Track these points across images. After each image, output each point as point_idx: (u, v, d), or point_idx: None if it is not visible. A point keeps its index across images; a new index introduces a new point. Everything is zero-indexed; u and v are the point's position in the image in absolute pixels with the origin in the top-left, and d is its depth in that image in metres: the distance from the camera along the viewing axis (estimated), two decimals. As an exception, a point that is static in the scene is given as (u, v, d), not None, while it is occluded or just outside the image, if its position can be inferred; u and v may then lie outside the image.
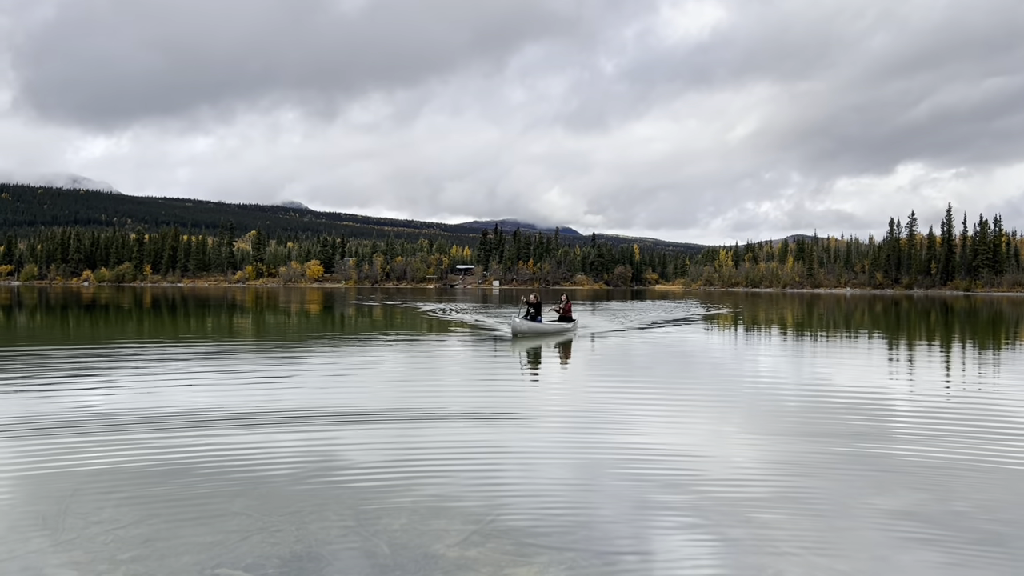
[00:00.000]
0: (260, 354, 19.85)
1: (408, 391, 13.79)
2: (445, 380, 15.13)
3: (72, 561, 5.18)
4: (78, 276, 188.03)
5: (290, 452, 8.42)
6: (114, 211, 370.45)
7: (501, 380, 15.07)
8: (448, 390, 13.72)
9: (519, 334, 24.58)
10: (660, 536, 5.84)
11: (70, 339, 23.99)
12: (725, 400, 12.67)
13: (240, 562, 5.17)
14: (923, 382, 15.36)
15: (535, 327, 25.30)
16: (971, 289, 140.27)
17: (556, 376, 16.01)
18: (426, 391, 13.92)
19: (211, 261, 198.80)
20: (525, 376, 15.79)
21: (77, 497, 6.57)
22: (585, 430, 9.76)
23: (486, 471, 7.74)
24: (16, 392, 12.41)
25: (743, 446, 9.13)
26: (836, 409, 11.67)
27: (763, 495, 6.86)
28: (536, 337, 24.34)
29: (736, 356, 20.98)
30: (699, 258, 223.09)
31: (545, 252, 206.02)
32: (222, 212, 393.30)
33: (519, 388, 13.99)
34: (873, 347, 24.10)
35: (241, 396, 12.21)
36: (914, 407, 12.09)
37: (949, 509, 6.53)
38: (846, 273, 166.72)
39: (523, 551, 5.43)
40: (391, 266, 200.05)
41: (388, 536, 5.68)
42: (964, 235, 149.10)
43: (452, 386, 14.17)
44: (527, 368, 17.03)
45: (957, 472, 7.74)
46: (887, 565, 5.32)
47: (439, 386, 14.35)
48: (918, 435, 9.61)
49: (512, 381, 14.99)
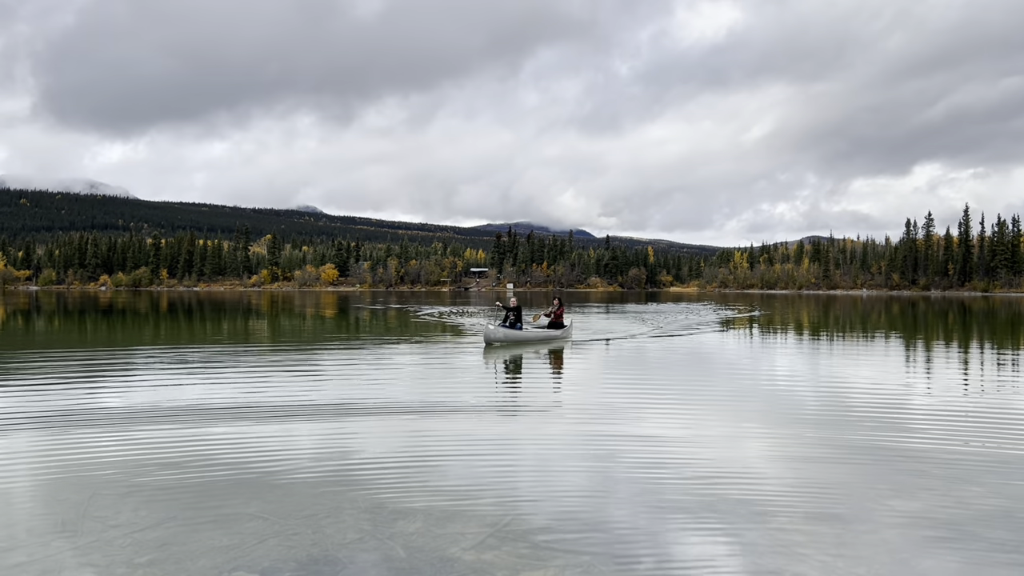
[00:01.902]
0: (276, 357, 19.93)
1: (422, 394, 13.81)
2: (459, 382, 15.13)
3: (91, 564, 5.22)
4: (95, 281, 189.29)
5: (306, 455, 8.45)
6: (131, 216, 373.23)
7: (516, 382, 15.06)
8: (462, 392, 13.72)
9: (494, 344, 21.56)
10: (676, 538, 5.81)
11: (87, 343, 24.18)
12: (742, 401, 12.60)
13: (257, 565, 5.19)
14: (942, 383, 15.23)
15: (513, 335, 22.21)
16: (989, 290, 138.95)
17: (571, 378, 15.97)
18: (441, 393, 13.93)
19: (227, 265, 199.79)
20: (528, 382, 15.76)
21: (95, 500, 6.62)
22: (600, 432, 9.73)
23: (501, 473, 7.74)
24: (35, 396, 12.51)
25: (760, 447, 9.09)
26: (854, 410, 11.58)
27: (780, 496, 6.82)
28: (514, 346, 21.40)
29: (752, 356, 20.88)
30: (714, 260, 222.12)
31: (559, 255, 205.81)
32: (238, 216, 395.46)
33: (534, 390, 13.97)
34: (891, 348, 23.93)
35: (257, 399, 12.26)
36: (933, 408, 11.97)
37: (969, 511, 6.47)
38: (862, 274, 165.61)
39: (539, 554, 5.42)
40: (405, 269, 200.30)
41: (404, 539, 5.69)
42: (982, 235, 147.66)
43: (466, 388, 14.16)
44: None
45: (977, 474, 7.67)
46: (906, 568, 5.27)
47: (454, 388, 14.35)
48: (937, 436, 9.52)
49: (527, 383, 14.98)
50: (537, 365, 18.23)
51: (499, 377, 15.86)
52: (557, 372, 17.11)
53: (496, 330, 21.74)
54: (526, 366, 17.95)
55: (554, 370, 17.45)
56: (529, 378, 15.92)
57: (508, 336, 21.84)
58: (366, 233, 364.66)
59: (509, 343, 21.66)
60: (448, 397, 13.37)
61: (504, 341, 21.60)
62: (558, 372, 17.12)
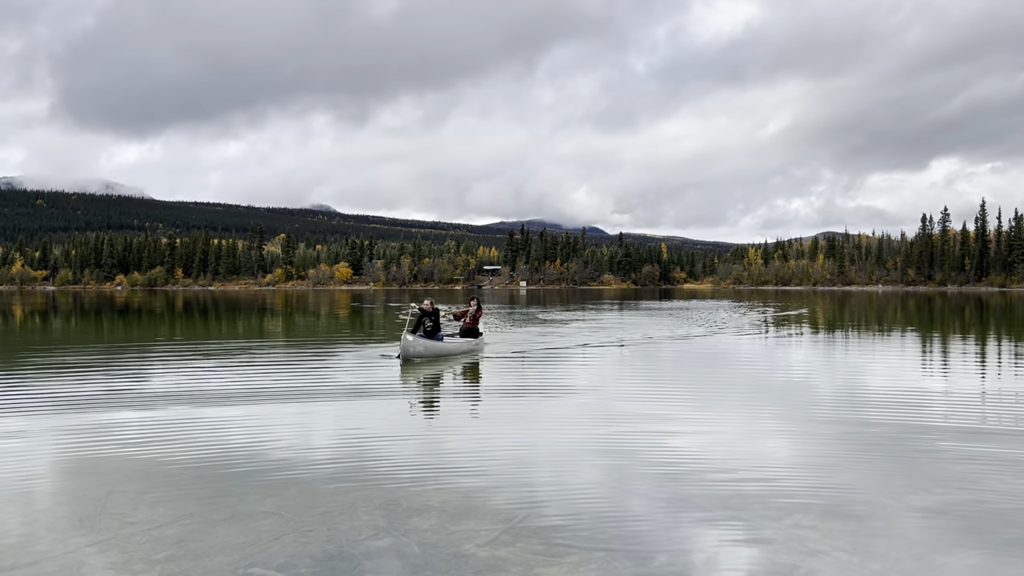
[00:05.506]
0: (291, 356, 20.02)
1: (436, 391, 13.85)
2: (473, 379, 15.16)
3: (108, 562, 5.26)
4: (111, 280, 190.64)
5: (321, 452, 8.49)
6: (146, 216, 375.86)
7: (529, 378, 15.07)
8: (476, 389, 13.75)
9: (412, 359, 17.36)
10: (691, 535, 5.80)
11: (104, 340, 24.37)
12: (757, 397, 12.56)
13: (272, 562, 5.22)
14: (959, 379, 15.12)
15: (435, 348, 18.04)
16: (1006, 285, 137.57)
17: (584, 374, 15.97)
18: (454, 390, 13.97)
19: (241, 264, 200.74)
20: (542, 379, 15.75)
21: (113, 497, 6.68)
22: (615, 428, 9.72)
23: (516, 470, 7.74)
24: (54, 393, 12.62)
25: (775, 443, 9.05)
26: (870, 406, 11.51)
27: (796, 493, 6.79)
28: (434, 361, 17.42)
29: (767, 353, 20.80)
30: (728, 256, 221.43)
31: (572, 252, 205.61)
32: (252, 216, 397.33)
33: (546, 386, 13.96)
34: (907, 343, 23.76)
35: (272, 397, 12.32)
36: (950, 404, 11.89)
37: (987, 509, 6.42)
38: (878, 270, 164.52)
39: (553, 550, 5.42)
40: (418, 268, 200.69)
41: (418, 535, 5.71)
42: (999, 230, 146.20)
43: (480, 385, 14.18)
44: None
45: (994, 470, 7.60)
46: (922, 564, 5.24)
47: (466, 385, 14.38)
48: (954, 433, 9.44)
49: (541, 380, 14.98)
50: (549, 363, 18.21)
51: (509, 374, 15.87)
52: (571, 369, 17.09)
53: (416, 341, 17.52)
54: (537, 364, 17.94)
55: (568, 367, 17.43)
56: (543, 375, 15.91)
57: (430, 349, 17.86)
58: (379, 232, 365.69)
59: (431, 357, 17.76)
60: (460, 394, 13.40)
61: (425, 355, 17.66)
62: (572, 369, 17.10)
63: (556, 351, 20.66)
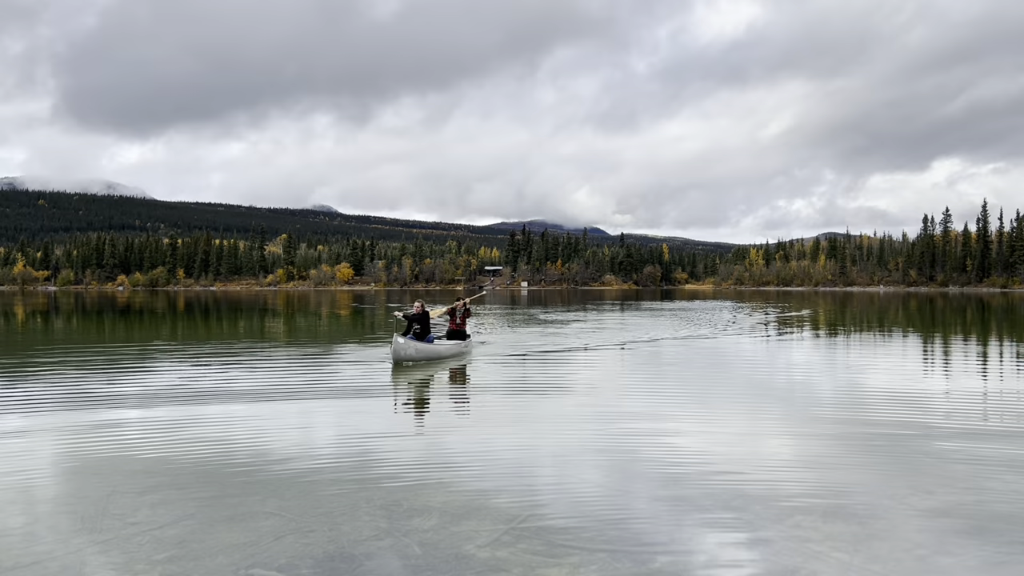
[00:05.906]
0: (292, 356, 20.03)
1: (437, 392, 13.86)
2: (473, 380, 15.16)
3: (110, 562, 5.27)
4: (113, 281, 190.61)
5: (322, 452, 8.49)
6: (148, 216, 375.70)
7: (530, 379, 15.07)
8: (476, 389, 13.74)
9: (405, 362, 17.09)
10: (692, 536, 5.80)
11: (105, 341, 24.39)
12: (759, 398, 12.55)
13: (273, 562, 5.22)
14: (961, 379, 15.11)
15: (426, 351, 17.79)
16: (1008, 286, 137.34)
17: (585, 375, 15.97)
18: (454, 391, 13.96)
19: (243, 265, 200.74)
20: (545, 380, 15.76)
21: (115, 498, 6.68)
22: (616, 428, 9.72)
23: (517, 470, 7.74)
24: (56, 394, 12.63)
25: (777, 444, 9.05)
26: (872, 407, 11.50)
27: (797, 494, 6.78)
28: (426, 364, 17.23)
29: (768, 354, 20.79)
30: (729, 257, 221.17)
31: (573, 252, 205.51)
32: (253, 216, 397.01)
33: (547, 387, 13.96)
34: (909, 344, 23.75)
35: (274, 397, 12.33)
36: (952, 405, 11.88)
37: (988, 509, 6.41)
38: (879, 271, 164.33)
39: (554, 551, 5.42)
40: (420, 268, 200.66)
41: (419, 536, 5.71)
42: (1000, 231, 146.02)
43: (481, 385, 14.18)
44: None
45: (997, 471, 7.60)
46: (924, 565, 5.23)
47: (467, 386, 14.38)
48: (956, 433, 9.44)
49: (542, 380, 14.98)
50: (550, 364, 18.21)
51: (510, 375, 15.87)
52: (572, 369, 17.09)
53: (407, 344, 17.28)
54: (538, 365, 17.94)
55: (569, 367, 17.43)
56: (544, 375, 15.92)
57: (422, 352, 17.66)
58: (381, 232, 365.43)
59: (423, 360, 17.52)
60: (461, 394, 13.40)
61: (416, 358, 17.44)
62: (574, 369, 17.10)
63: (557, 352, 20.67)
